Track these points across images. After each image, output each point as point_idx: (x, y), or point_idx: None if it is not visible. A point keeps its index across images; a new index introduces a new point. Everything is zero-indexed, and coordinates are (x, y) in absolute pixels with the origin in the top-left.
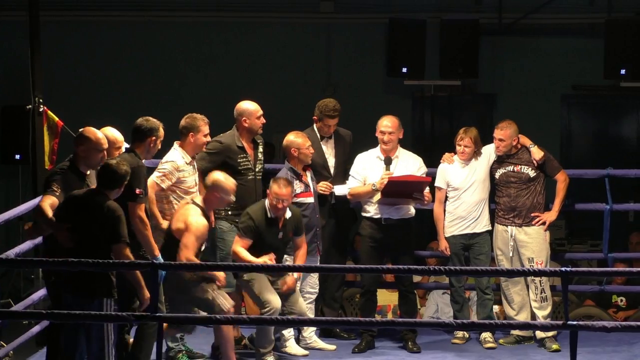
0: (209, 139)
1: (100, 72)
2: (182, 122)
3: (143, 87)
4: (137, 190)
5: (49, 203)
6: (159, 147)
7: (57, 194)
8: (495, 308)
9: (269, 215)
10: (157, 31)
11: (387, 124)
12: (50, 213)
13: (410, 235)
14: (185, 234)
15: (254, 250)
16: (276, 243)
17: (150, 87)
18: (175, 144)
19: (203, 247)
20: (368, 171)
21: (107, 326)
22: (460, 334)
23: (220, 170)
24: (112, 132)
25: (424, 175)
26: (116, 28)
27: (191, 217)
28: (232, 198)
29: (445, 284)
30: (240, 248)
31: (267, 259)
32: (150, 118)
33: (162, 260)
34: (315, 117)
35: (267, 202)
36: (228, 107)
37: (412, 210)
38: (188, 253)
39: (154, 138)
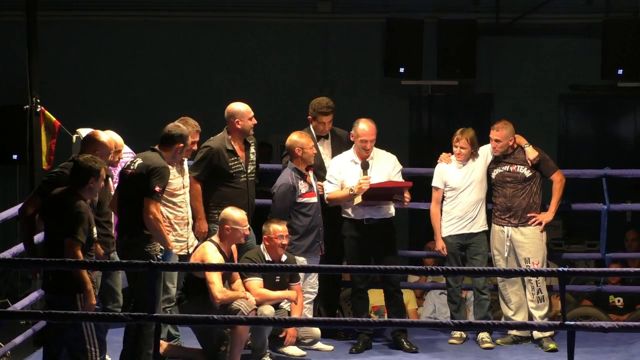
0: (195, 147)
1: (98, 72)
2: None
3: (141, 87)
4: (157, 188)
5: (33, 208)
6: (192, 148)
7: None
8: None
9: (267, 258)
10: (156, 31)
11: (367, 130)
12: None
13: (392, 234)
14: (207, 273)
15: None
16: (274, 285)
17: (149, 87)
18: None
19: None
20: (344, 175)
21: (86, 325)
22: (457, 334)
23: (212, 177)
24: (113, 136)
25: (399, 173)
26: (115, 28)
27: (207, 256)
28: (245, 229)
29: (443, 284)
30: (262, 290)
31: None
32: (181, 125)
33: (174, 255)
34: (310, 117)
35: (262, 246)
36: (224, 108)
37: (392, 210)
38: (217, 287)
39: (181, 145)
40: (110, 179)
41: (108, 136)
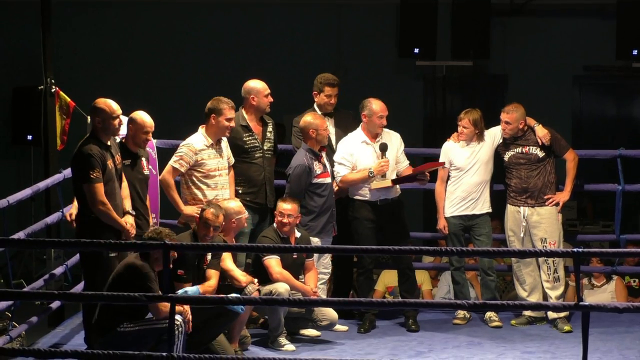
0: (232, 124)
1: (114, 52)
2: (208, 104)
3: (154, 67)
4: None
5: (102, 193)
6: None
7: (101, 177)
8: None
9: (281, 235)
10: (168, 12)
11: (382, 106)
12: (111, 207)
13: (403, 213)
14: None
15: None
16: (292, 264)
17: (161, 67)
18: (200, 127)
19: None
20: (357, 156)
21: None
22: (461, 314)
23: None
24: (142, 116)
25: (403, 151)
26: (130, 8)
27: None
28: (245, 215)
29: None
30: (286, 272)
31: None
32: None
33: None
34: (315, 92)
35: (274, 225)
36: (238, 89)
37: (399, 189)
38: (238, 272)
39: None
40: (143, 158)
41: (112, 102)
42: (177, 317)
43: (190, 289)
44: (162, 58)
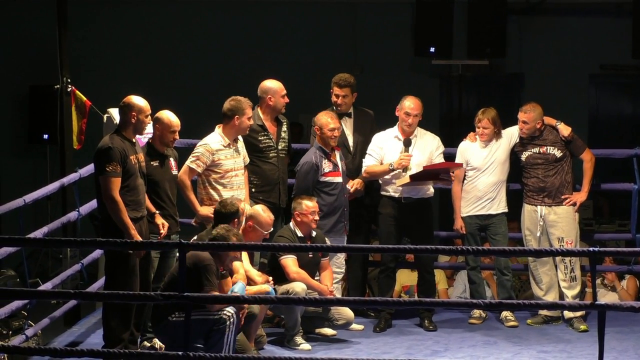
0: (252, 122)
1: (130, 51)
2: (227, 104)
3: (171, 66)
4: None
5: (117, 190)
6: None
7: (118, 171)
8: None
9: (298, 234)
10: (183, 10)
11: (412, 105)
12: (124, 208)
13: (429, 214)
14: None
15: None
16: (308, 263)
17: (178, 66)
18: (217, 127)
19: None
20: (385, 150)
21: None
22: (477, 313)
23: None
24: (168, 115)
25: (441, 154)
26: (145, 7)
27: None
28: (267, 233)
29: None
30: (303, 272)
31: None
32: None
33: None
34: (331, 91)
35: (291, 224)
36: (253, 87)
37: (431, 190)
38: (254, 272)
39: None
40: (172, 158)
41: (144, 100)
42: (230, 309)
43: (237, 287)
44: (178, 57)
